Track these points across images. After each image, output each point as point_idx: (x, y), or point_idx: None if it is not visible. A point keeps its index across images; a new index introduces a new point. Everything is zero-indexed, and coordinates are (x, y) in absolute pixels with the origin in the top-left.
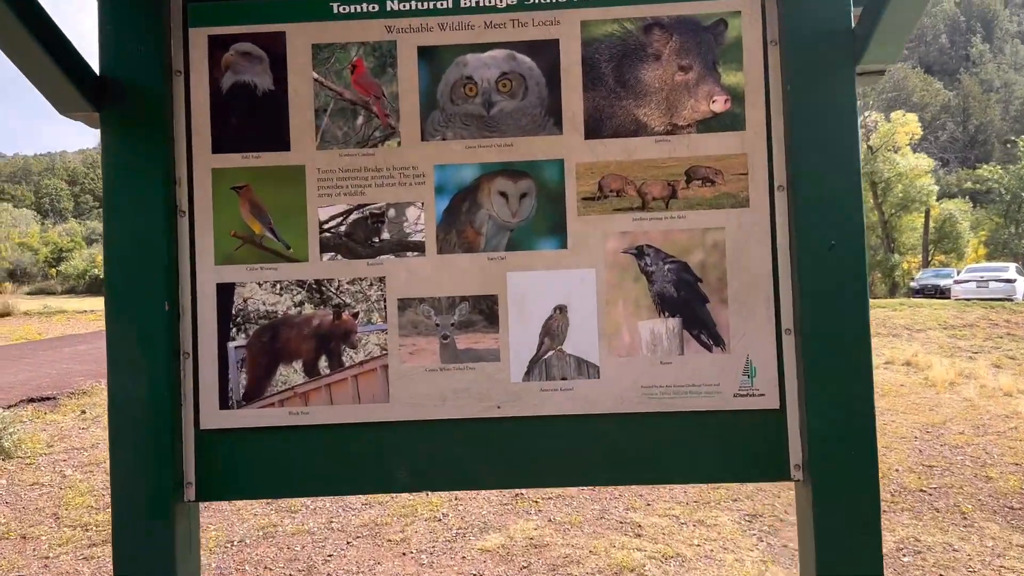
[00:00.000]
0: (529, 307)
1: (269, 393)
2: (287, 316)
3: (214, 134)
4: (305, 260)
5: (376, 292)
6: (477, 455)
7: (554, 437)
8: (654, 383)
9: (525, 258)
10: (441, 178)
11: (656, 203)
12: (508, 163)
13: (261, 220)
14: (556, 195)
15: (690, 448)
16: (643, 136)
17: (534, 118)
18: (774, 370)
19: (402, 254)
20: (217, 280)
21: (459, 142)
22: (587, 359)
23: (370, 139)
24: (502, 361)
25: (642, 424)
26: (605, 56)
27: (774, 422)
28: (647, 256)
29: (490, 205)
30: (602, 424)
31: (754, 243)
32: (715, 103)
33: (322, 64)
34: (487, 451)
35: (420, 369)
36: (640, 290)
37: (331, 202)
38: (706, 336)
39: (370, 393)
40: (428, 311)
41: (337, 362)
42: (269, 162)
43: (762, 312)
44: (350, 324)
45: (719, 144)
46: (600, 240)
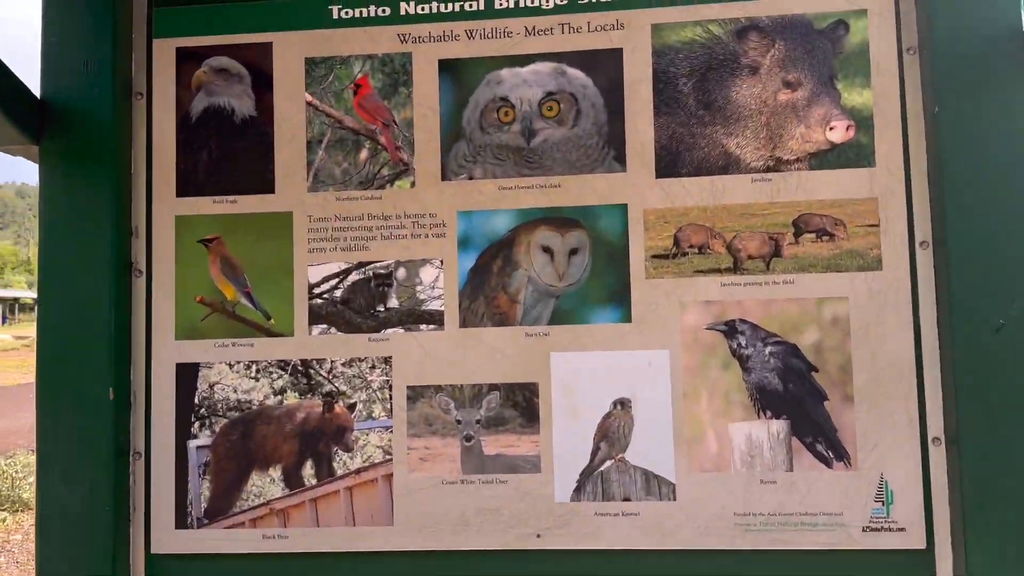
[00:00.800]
0: (580, 400)
1: (238, 508)
2: (264, 408)
3: (180, 172)
4: (290, 334)
5: (379, 377)
6: None
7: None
8: (751, 510)
9: (575, 334)
10: (467, 228)
11: (753, 263)
12: (554, 209)
13: (235, 282)
14: (617, 251)
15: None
16: (735, 174)
17: (588, 151)
18: (919, 496)
19: (414, 327)
20: (177, 359)
21: (490, 182)
22: (658, 473)
23: (376, 178)
24: (544, 473)
25: (735, 566)
26: (684, 69)
27: (919, 567)
28: (741, 334)
29: (530, 264)
30: (679, 564)
31: (889, 319)
32: (833, 130)
33: (317, 83)
34: None
35: (435, 481)
36: (731, 380)
37: (325, 259)
38: (824, 446)
39: (368, 512)
40: (446, 403)
41: (327, 470)
42: (248, 208)
43: (901, 414)
44: (344, 419)
45: (840, 185)
46: (676, 312)
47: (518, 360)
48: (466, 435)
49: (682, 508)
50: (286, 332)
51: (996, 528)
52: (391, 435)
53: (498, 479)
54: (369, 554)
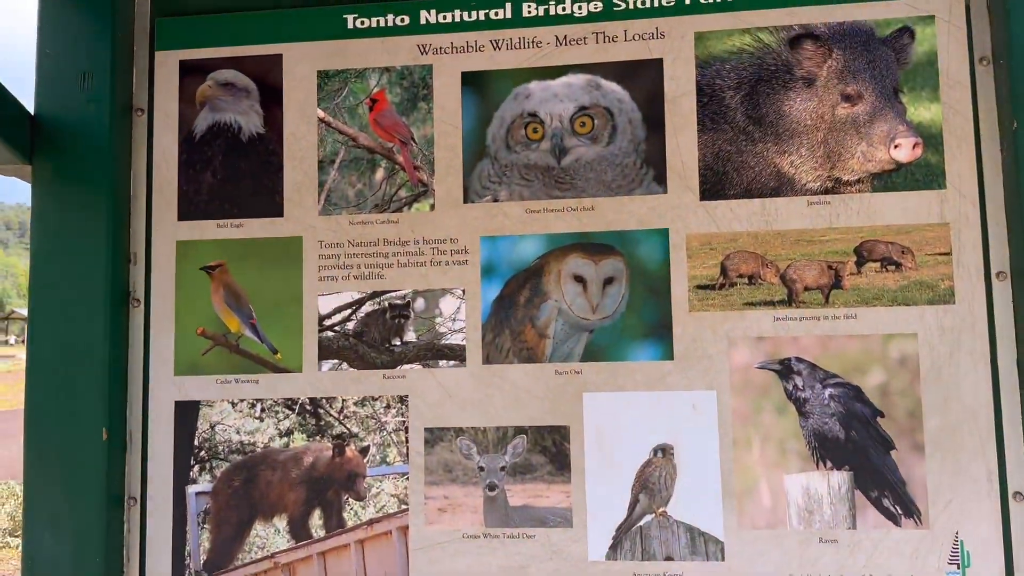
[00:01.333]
0: (616, 446)
1: (240, 561)
2: (269, 451)
3: (182, 194)
4: (298, 370)
5: (395, 418)
6: None
7: None
8: (810, 571)
9: (610, 373)
10: (491, 255)
11: (810, 295)
12: (587, 234)
13: (239, 313)
14: (658, 281)
15: None
16: (790, 196)
17: (625, 170)
18: (999, 557)
19: (433, 363)
20: (176, 397)
21: (518, 204)
22: (705, 529)
23: (393, 201)
24: (576, 527)
25: None
26: (731, 81)
27: None
28: (797, 375)
29: (561, 294)
30: None
31: (964, 358)
32: (898, 148)
33: (330, 98)
34: None
35: (455, 535)
36: (787, 426)
37: (336, 288)
38: (891, 501)
39: (381, 568)
40: (468, 447)
41: (336, 520)
42: (254, 232)
43: (978, 466)
44: (356, 464)
45: (907, 209)
46: (724, 348)
47: (547, 401)
48: (489, 484)
49: (731, 569)
50: (294, 368)
51: None
52: (407, 482)
53: (525, 533)
54: None
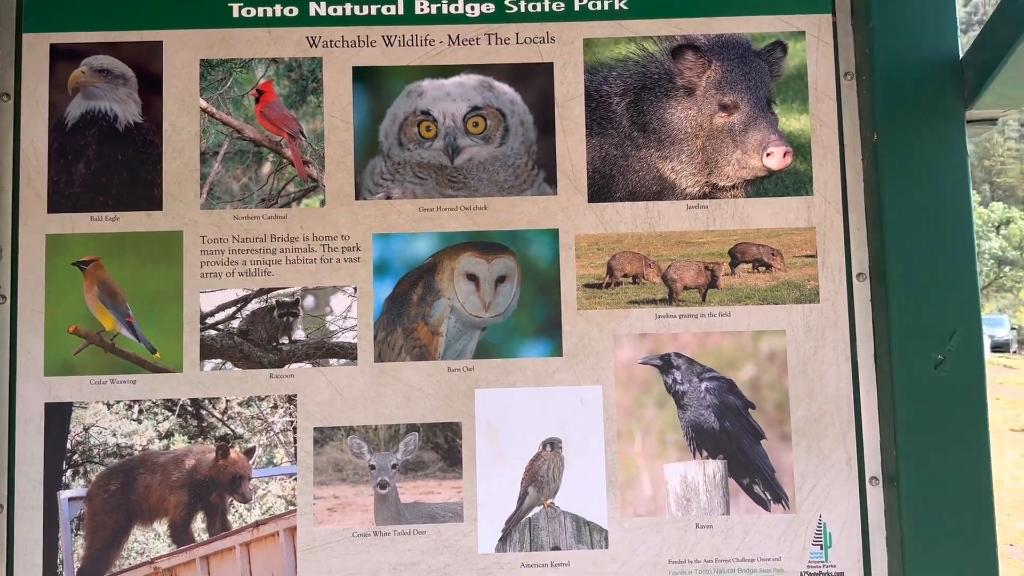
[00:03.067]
0: (507, 441)
1: (118, 568)
2: (148, 454)
3: (52, 185)
4: (178, 370)
5: (282, 418)
6: None
7: None
8: (688, 556)
9: (502, 370)
10: (383, 253)
11: (689, 294)
12: (480, 233)
13: (115, 310)
14: (547, 280)
15: None
16: (671, 200)
17: (517, 171)
18: (857, 537)
19: (323, 362)
20: (46, 398)
21: (410, 202)
22: (590, 519)
23: (281, 195)
24: (466, 522)
25: None
26: (618, 88)
27: None
28: (676, 369)
29: (453, 292)
30: None
31: (828, 354)
32: (770, 157)
33: (214, 88)
34: None
35: (344, 534)
36: (667, 419)
37: (220, 285)
38: (761, 487)
39: (268, 570)
40: (359, 446)
41: (220, 523)
42: (131, 226)
43: (839, 454)
44: (241, 466)
45: (777, 214)
46: (609, 345)
47: (439, 398)
48: (380, 482)
49: (615, 557)
50: (173, 367)
51: (934, 569)
52: (295, 483)
53: (416, 530)
54: None
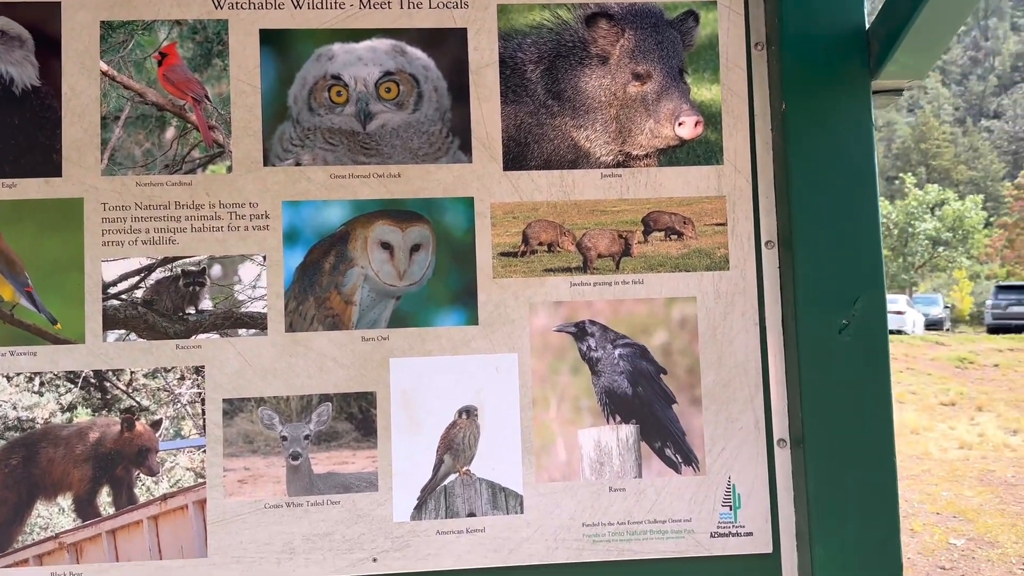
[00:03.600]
0: (422, 410)
1: (20, 544)
2: (50, 427)
3: None
4: (80, 341)
5: (190, 390)
6: None
7: None
8: (601, 519)
9: (417, 338)
10: (293, 221)
11: (603, 262)
12: (394, 201)
13: (13, 280)
14: (463, 248)
15: None
16: (585, 168)
17: (431, 138)
18: (765, 498)
19: (231, 332)
20: None
21: (321, 169)
22: (505, 485)
23: (185, 161)
24: (381, 491)
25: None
26: (532, 55)
27: (766, 571)
28: (591, 336)
29: (367, 261)
30: None
31: (736, 320)
32: (682, 126)
33: (115, 51)
34: None
35: (256, 506)
36: (581, 385)
37: (123, 253)
38: (673, 451)
39: (177, 544)
40: (270, 417)
41: (127, 497)
42: (29, 193)
43: (748, 417)
44: (147, 439)
45: (688, 182)
46: (524, 313)
47: (353, 368)
48: (292, 453)
49: (529, 522)
50: (75, 339)
51: (841, 530)
52: (204, 455)
53: (329, 500)
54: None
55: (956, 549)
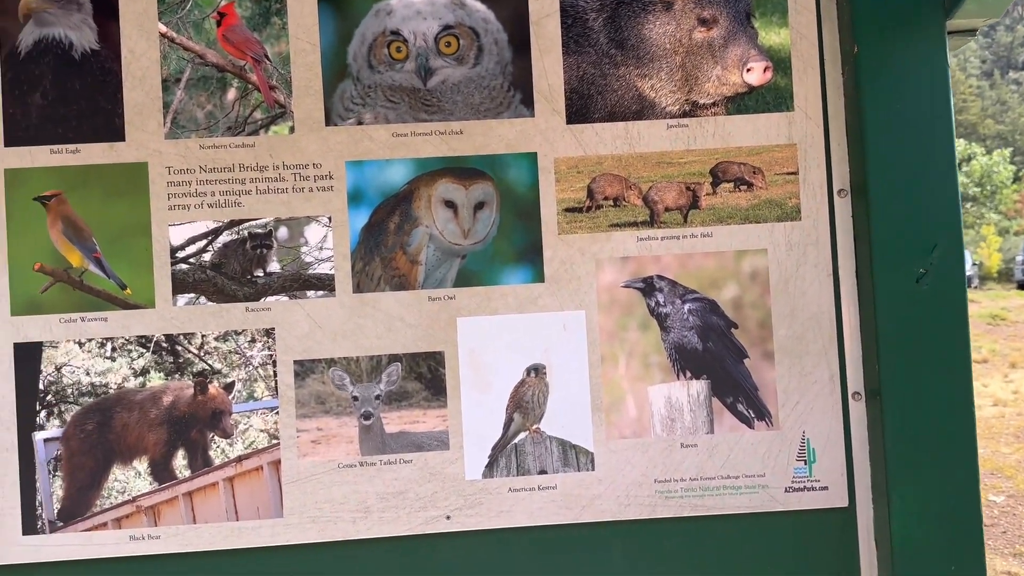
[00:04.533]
0: (491, 369)
1: (99, 508)
2: (124, 392)
3: (8, 118)
4: (150, 306)
5: (261, 352)
6: None
7: (531, 558)
8: (673, 475)
9: (483, 297)
10: (357, 181)
11: (671, 215)
12: (456, 159)
13: (81, 246)
14: (527, 205)
15: (727, 569)
16: (650, 119)
17: (493, 93)
18: (840, 452)
19: (300, 294)
20: (15, 339)
21: (383, 127)
22: (576, 442)
23: (248, 123)
24: (452, 449)
25: (657, 536)
26: (594, 3)
27: (841, 525)
28: (659, 292)
29: (431, 220)
30: (599, 538)
31: (809, 271)
32: (750, 72)
33: (172, 11)
34: None
35: (330, 466)
36: (650, 341)
37: (189, 217)
38: (745, 406)
39: (253, 504)
40: (340, 378)
41: (202, 459)
42: (93, 158)
43: (822, 369)
44: (221, 402)
45: (757, 131)
46: (591, 269)
47: (421, 327)
48: (364, 413)
49: (601, 479)
50: (145, 303)
51: (917, 483)
52: (277, 417)
53: (402, 459)
54: (256, 551)
55: (996, 506)
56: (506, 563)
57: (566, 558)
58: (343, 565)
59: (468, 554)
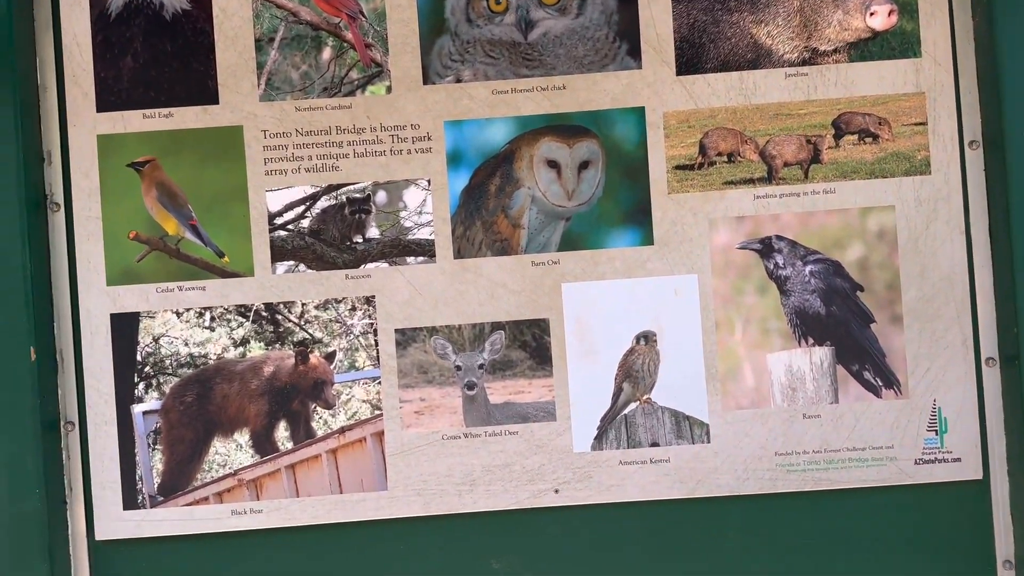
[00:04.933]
0: (598, 336)
1: (200, 482)
2: (223, 362)
3: (100, 82)
4: (249, 274)
5: (362, 320)
6: (526, 567)
7: (642, 534)
8: (794, 448)
9: (589, 261)
10: (457, 141)
11: (790, 171)
12: (559, 115)
13: (177, 213)
14: (635, 163)
15: (851, 545)
16: (767, 68)
17: (597, 44)
18: (974, 422)
19: (400, 260)
20: (112, 309)
21: (483, 85)
22: (690, 413)
23: (344, 83)
24: (559, 420)
25: (777, 512)
26: None
27: (974, 499)
28: (778, 253)
29: (533, 181)
30: (717, 513)
31: (940, 228)
32: (874, 16)
33: None
34: (541, 560)
35: (434, 438)
36: (768, 306)
37: (286, 182)
38: (871, 373)
39: (357, 477)
40: (443, 347)
41: (304, 431)
42: (187, 122)
43: (954, 334)
44: (323, 371)
45: (883, 79)
46: (704, 230)
47: (524, 294)
48: (468, 383)
49: (717, 451)
50: (244, 271)
51: None
52: (379, 387)
53: (507, 431)
54: (360, 524)
55: None
56: (616, 539)
57: (679, 534)
58: (448, 539)
59: (576, 529)
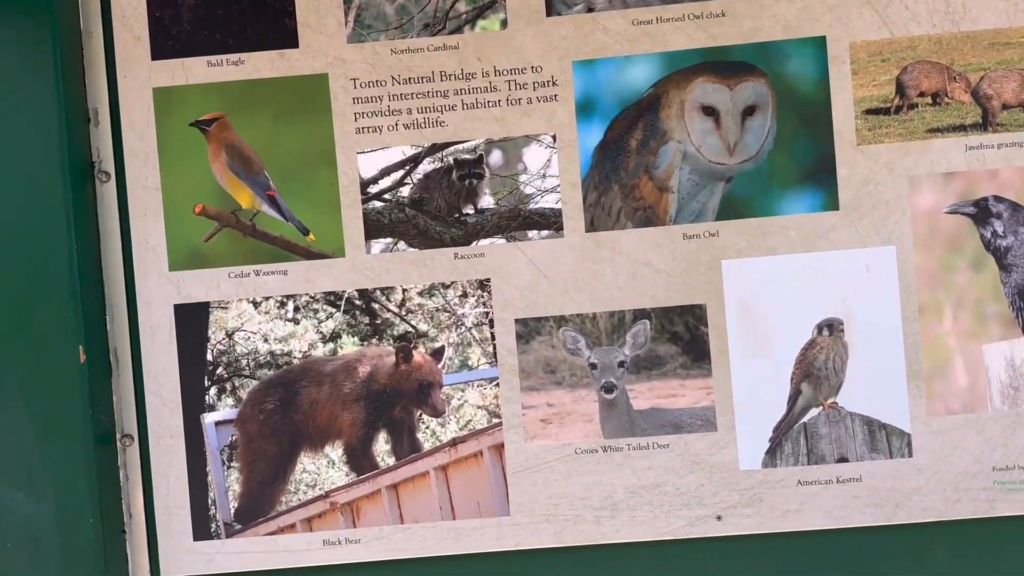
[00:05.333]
0: (768, 326)
1: (285, 506)
2: (311, 362)
3: (154, 24)
4: (339, 254)
5: (475, 309)
6: None
7: (828, 572)
8: (1017, 461)
9: (756, 232)
10: (588, 87)
11: (1011, 115)
12: (717, 50)
13: (251, 182)
14: (812, 108)
15: None
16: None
17: None
18: None
19: (520, 235)
20: (175, 299)
21: (620, 14)
22: (887, 421)
23: (450, 18)
24: (720, 430)
25: (995, 540)
26: None
27: None
28: (996, 218)
29: (685, 134)
30: (919, 543)
31: None
32: None
33: None
34: None
35: (565, 451)
36: (985, 284)
37: (382, 142)
38: None
39: (472, 499)
40: (574, 340)
41: (408, 443)
42: (259, 70)
43: None
44: (429, 371)
45: None
46: (903, 190)
47: (675, 274)
48: (606, 384)
49: (921, 467)
50: (333, 252)
51: None
52: (497, 390)
53: (656, 443)
54: (477, 557)
55: None
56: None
57: (874, 569)
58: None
59: (745, 563)
